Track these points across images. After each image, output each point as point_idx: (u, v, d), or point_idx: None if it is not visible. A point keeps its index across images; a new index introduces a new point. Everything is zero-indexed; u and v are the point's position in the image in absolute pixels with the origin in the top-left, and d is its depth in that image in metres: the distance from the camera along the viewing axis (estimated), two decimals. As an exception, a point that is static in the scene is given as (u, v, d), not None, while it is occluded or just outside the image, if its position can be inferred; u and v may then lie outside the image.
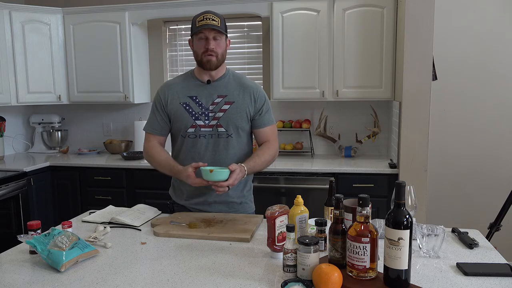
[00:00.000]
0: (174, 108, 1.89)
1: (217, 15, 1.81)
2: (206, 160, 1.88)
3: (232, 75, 1.95)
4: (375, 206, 2.79)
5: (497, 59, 3.31)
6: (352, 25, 3.19)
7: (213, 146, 1.89)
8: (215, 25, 1.78)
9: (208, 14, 1.80)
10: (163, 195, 2.11)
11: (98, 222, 1.84)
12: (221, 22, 1.80)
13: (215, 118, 1.87)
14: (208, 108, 1.87)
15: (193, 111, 1.87)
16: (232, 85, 1.91)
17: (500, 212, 2.52)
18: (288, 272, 1.26)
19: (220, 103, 1.88)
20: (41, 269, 1.37)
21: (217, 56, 1.82)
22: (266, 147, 1.93)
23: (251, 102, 1.90)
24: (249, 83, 1.95)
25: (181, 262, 1.42)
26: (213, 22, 1.78)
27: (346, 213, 1.36)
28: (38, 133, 4.01)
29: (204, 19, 1.78)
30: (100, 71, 3.64)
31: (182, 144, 1.92)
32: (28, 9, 3.53)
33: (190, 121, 1.87)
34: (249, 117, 1.91)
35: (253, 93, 1.91)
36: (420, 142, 2.87)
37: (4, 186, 3.03)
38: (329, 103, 3.53)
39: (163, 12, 3.50)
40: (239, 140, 1.92)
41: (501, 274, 1.28)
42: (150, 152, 1.93)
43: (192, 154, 1.90)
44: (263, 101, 1.93)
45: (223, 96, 1.88)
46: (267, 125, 1.95)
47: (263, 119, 1.93)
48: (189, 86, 1.91)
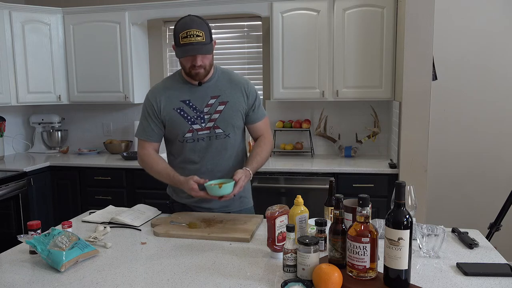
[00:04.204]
0: (168, 114, 1.85)
1: (200, 27, 1.70)
2: (205, 162, 1.88)
3: (221, 73, 1.91)
4: (375, 206, 2.79)
5: (497, 59, 3.31)
6: (352, 25, 3.19)
7: (211, 147, 1.88)
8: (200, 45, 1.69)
9: (192, 30, 1.68)
10: (163, 195, 2.11)
11: (98, 222, 1.85)
12: (205, 35, 1.70)
13: (211, 120, 1.86)
14: (202, 111, 1.85)
15: (188, 115, 1.85)
16: (223, 84, 1.89)
17: (500, 212, 2.52)
18: (288, 272, 1.26)
19: (214, 105, 1.86)
20: (41, 269, 1.37)
21: (205, 67, 1.77)
22: (263, 143, 1.95)
23: (243, 98, 1.89)
24: (238, 78, 1.93)
25: (181, 262, 1.42)
26: (197, 38, 1.68)
27: (346, 213, 1.36)
28: (38, 133, 4.01)
29: (188, 36, 1.68)
30: (100, 71, 3.64)
31: (181, 148, 1.90)
32: (28, 9, 3.53)
33: (187, 126, 1.85)
34: (243, 114, 1.91)
35: (244, 89, 1.90)
36: (420, 142, 2.87)
37: (4, 186, 3.03)
38: (329, 103, 3.53)
39: (163, 12, 3.50)
40: (235, 138, 1.92)
41: (501, 274, 1.28)
42: (147, 161, 1.89)
43: (192, 158, 1.90)
44: (255, 96, 1.93)
45: (216, 96, 1.86)
46: (260, 119, 1.96)
47: (256, 114, 1.94)
48: (180, 90, 1.86)
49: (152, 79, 3.93)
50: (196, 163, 1.89)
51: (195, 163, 1.89)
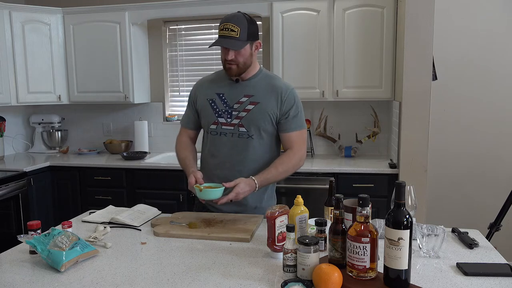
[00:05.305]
0: (201, 104, 1.92)
1: (238, 23, 1.73)
2: (225, 158, 1.88)
3: (264, 76, 1.89)
4: (375, 206, 2.79)
5: (497, 59, 3.31)
6: (352, 25, 3.19)
7: (233, 145, 1.87)
8: (231, 39, 1.72)
9: (228, 24, 1.73)
10: (163, 195, 2.12)
11: (98, 222, 1.84)
12: (241, 31, 1.72)
13: (237, 117, 1.84)
14: (232, 107, 1.85)
15: (217, 108, 1.87)
16: (261, 86, 1.86)
17: (500, 212, 2.52)
18: (288, 272, 1.26)
19: (245, 103, 1.84)
20: (41, 269, 1.37)
21: (237, 64, 1.78)
22: (287, 156, 1.85)
23: (277, 104, 1.83)
24: (279, 84, 1.87)
25: (181, 262, 1.42)
26: (231, 33, 1.72)
27: (346, 213, 1.36)
28: (38, 133, 4.01)
29: (224, 29, 1.74)
30: (100, 71, 3.64)
31: (206, 140, 1.95)
32: (28, 9, 3.53)
33: (213, 117, 1.88)
34: (273, 119, 1.84)
35: (281, 95, 1.83)
36: (420, 142, 2.87)
37: (4, 186, 3.03)
38: (329, 103, 3.53)
39: (163, 12, 3.50)
40: (261, 142, 1.87)
41: (501, 274, 1.28)
42: (177, 147, 2.01)
43: (212, 151, 1.91)
44: (292, 104, 1.84)
45: (249, 95, 1.85)
46: (293, 130, 1.86)
47: (289, 123, 1.85)
48: (219, 83, 1.91)
49: (152, 79, 3.93)
50: (216, 157, 1.90)
51: (215, 157, 1.90)
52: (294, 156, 1.86)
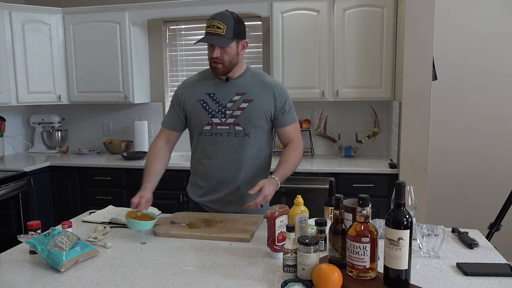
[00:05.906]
0: (191, 106, 1.88)
1: (224, 21, 1.73)
2: (221, 158, 1.87)
3: (252, 73, 1.90)
4: (375, 206, 2.79)
5: (497, 59, 3.31)
6: (352, 25, 3.19)
7: (229, 144, 1.87)
8: (216, 36, 1.72)
9: (214, 21, 1.73)
10: (162, 195, 2.11)
11: (98, 222, 1.84)
12: (227, 29, 1.72)
13: (232, 116, 1.84)
14: (225, 106, 1.85)
15: (210, 108, 1.85)
16: (252, 83, 1.87)
17: (500, 212, 2.52)
18: (288, 272, 1.26)
19: (238, 101, 1.84)
20: (41, 269, 1.37)
21: (223, 63, 1.78)
22: (292, 149, 1.90)
23: (271, 100, 1.85)
24: (269, 80, 1.90)
25: (181, 262, 1.42)
26: (217, 30, 1.72)
27: (346, 213, 1.36)
28: (38, 133, 4.01)
29: (210, 26, 1.74)
30: (100, 71, 3.64)
31: (198, 141, 1.92)
32: (28, 9, 3.53)
33: (206, 118, 1.86)
34: (268, 116, 1.87)
35: (274, 91, 1.86)
36: (420, 142, 2.87)
37: (4, 186, 3.03)
38: (329, 103, 3.53)
39: (163, 12, 3.50)
40: (257, 140, 1.88)
41: (501, 274, 1.28)
42: (149, 151, 1.95)
43: (208, 152, 1.90)
44: (285, 99, 1.88)
45: (241, 93, 1.85)
46: (289, 124, 1.91)
47: (285, 118, 1.89)
48: (208, 83, 1.88)
49: (152, 79, 3.93)
50: (211, 158, 1.89)
51: (211, 158, 1.89)
52: (298, 148, 1.92)
